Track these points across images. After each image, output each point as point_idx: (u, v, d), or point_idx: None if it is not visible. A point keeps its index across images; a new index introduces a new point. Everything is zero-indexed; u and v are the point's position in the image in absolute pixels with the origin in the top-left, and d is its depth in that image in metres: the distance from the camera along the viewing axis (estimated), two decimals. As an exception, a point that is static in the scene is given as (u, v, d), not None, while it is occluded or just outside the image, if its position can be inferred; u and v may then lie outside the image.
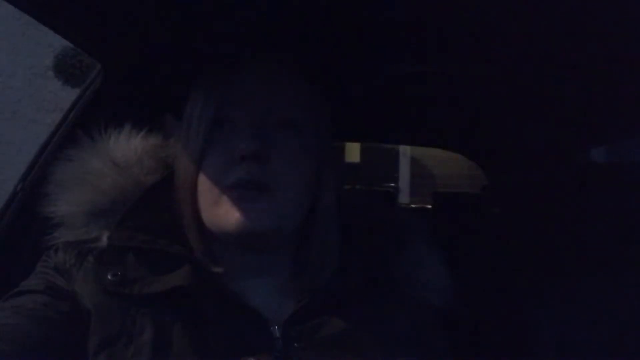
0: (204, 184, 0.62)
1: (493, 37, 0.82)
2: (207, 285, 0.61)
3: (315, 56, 0.90)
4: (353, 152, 4.65)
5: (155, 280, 0.60)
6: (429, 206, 2.25)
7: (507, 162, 1.66)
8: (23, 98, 4.59)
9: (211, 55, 0.70)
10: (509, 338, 1.10)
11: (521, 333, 1.07)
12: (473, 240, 1.50)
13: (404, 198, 4.46)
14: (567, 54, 0.85)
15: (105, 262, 0.61)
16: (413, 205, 3.44)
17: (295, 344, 0.60)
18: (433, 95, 1.19)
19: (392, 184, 4.66)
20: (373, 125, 1.65)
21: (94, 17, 0.78)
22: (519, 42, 0.82)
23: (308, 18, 0.78)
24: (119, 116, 0.72)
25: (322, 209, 0.67)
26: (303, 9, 0.76)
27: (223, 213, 0.61)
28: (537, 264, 1.22)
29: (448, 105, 1.28)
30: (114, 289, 0.59)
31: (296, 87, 0.68)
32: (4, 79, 4.57)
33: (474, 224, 1.66)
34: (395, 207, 1.98)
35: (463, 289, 0.71)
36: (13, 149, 4.06)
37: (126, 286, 0.59)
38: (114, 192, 0.65)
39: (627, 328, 0.93)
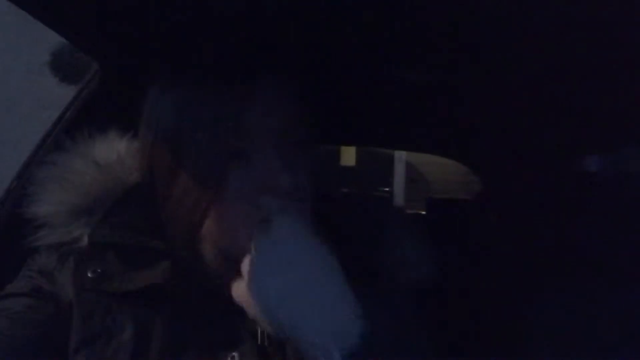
0: (225, 224, 0.61)
1: (490, 44, 0.82)
2: (188, 281, 0.60)
3: (308, 60, 0.90)
4: (349, 155, 4.65)
5: (135, 277, 0.59)
6: (423, 212, 2.25)
7: (502, 169, 1.66)
8: (18, 94, 4.58)
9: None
10: (505, 342, 1.10)
11: (516, 338, 1.08)
12: (467, 247, 1.50)
13: (398, 203, 4.46)
14: (565, 62, 0.86)
15: (86, 259, 0.61)
16: (407, 211, 3.45)
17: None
18: (429, 101, 1.19)
19: (387, 188, 4.66)
20: (368, 130, 1.66)
21: (91, 16, 0.77)
22: (516, 50, 0.83)
23: (301, 20, 0.78)
24: (116, 117, 0.71)
25: None
26: (295, 11, 0.75)
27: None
28: (531, 271, 1.22)
29: (444, 112, 1.28)
30: (94, 286, 0.59)
31: (271, 92, 0.66)
32: (1, 75, 4.56)
33: (468, 230, 1.66)
34: (389, 212, 1.98)
35: (458, 294, 0.71)
36: (8, 145, 4.04)
37: (105, 282, 0.59)
38: (95, 191, 0.64)
39: (623, 333, 0.93)
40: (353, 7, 0.71)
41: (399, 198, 4.58)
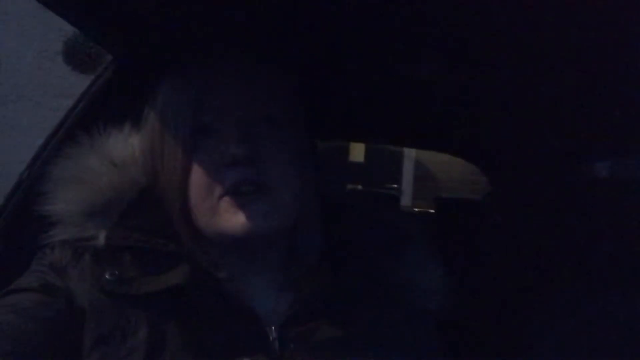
0: (196, 193, 0.62)
1: (500, 44, 0.81)
2: (203, 285, 0.61)
3: (317, 56, 0.89)
4: (357, 151, 4.64)
5: (153, 280, 0.60)
6: (432, 211, 2.25)
7: (511, 170, 1.65)
8: (30, 81, 4.60)
9: (181, 53, 0.69)
10: (510, 344, 1.10)
11: (522, 340, 1.07)
12: (475, 247, 1.49)
13: (406, 201, 4.45)
14: (575, 62, 0.85)
15: (103, 262, 0.61)
16: (415, 209, 3.44)
17: (292, 346, 0.60)
18: (439, 99, 1.19)
19: (395, 185, 4.65)
20: (378, 126, 1.65)
21: (105, 8, 0.77)
22: (526, 48, 0.82)
23: (310, 18, 0.78)
24: (129, 110, 0.71)
25: (305, 204, 0.67)
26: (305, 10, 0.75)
27: (225, 220, 0.60)
28: (537, 272, 1.22)
29: (454, 110, 1.28)
30: (112, 289, 0.59)
31: (272, 82, 0.68)
32: (12, 62, 4.58)
33: (476, 230, 1.66)
34: (397, 211, 1.98)
35: (464, 295, 0.71)
36: (18, 131, 4.07)
37: (123, 286, 0.59)
38: (111, 192, 0.64)
39: (626, 336, 0.93)
40: (362, 2, 0.71)
41: (407, 196, 4.57)
